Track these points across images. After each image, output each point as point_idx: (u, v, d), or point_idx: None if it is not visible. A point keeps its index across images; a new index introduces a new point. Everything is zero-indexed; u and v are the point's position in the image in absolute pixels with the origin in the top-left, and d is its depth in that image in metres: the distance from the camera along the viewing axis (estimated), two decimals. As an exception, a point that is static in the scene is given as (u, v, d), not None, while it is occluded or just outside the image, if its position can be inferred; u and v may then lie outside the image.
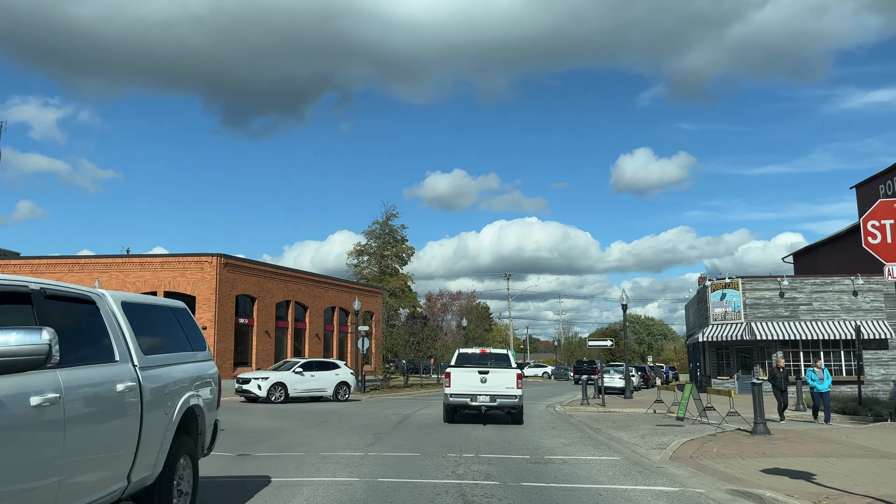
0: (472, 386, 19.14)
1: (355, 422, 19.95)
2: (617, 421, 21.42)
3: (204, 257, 36.46)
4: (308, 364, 30.02)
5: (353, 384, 30.38)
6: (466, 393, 19.17)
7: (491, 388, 19.13)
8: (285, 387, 28.19)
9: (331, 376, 29.63)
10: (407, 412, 24.02)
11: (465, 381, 19.23)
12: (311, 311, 44.74)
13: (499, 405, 19.26)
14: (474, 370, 19.41)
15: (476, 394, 19.08)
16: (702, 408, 20.31)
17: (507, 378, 19.24)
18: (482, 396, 19.08)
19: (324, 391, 29.32)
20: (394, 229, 66.19)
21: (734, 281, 36.13)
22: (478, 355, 20.94)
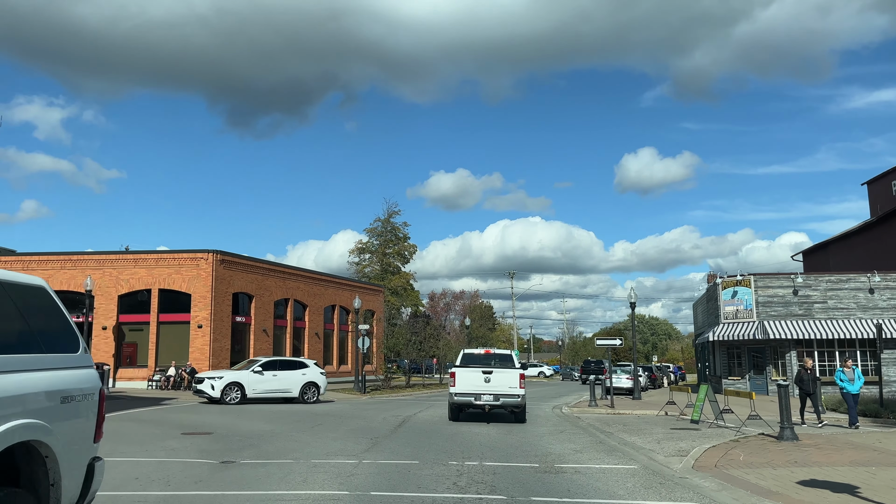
0: (476, 385, 19.53)
1: (352, 424, 18.91)
2: (628, 424, 20.33)
3: (200, 254, 35.45)
4: (270, 363, 27.97)
5: (323, 385, 28.09)
6: (471, 392, 19.55)
7: (494, 388, 19.48)
8: (242, 387, 26.32)
9: (296, 377, 27.50)
10: (407, 414, 22.97)
11: (469, 380, 19.63)
12: (310, 309, 43.72)
13: (502, 404, 19.55)
14: (478, 370, 19.71)
15: (480, 393, 19.46)
16: (718, 410, 19.21)
17: (510, 378, 19.55)
18: (486, 396, 19.43)
19: (288, 392, 27.19)
20: (396, 227, 65.22)
21: (746, 278, 34.99)
22: (482, 355, 21.14)
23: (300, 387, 27.40)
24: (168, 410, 23.30)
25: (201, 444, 14.18)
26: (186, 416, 20.93)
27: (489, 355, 21.17)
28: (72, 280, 35.15)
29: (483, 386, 19.49)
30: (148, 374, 34.64)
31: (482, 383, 19.52)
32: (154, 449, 13.51)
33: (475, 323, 61.45)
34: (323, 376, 28.40)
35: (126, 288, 35.49)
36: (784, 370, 34.39)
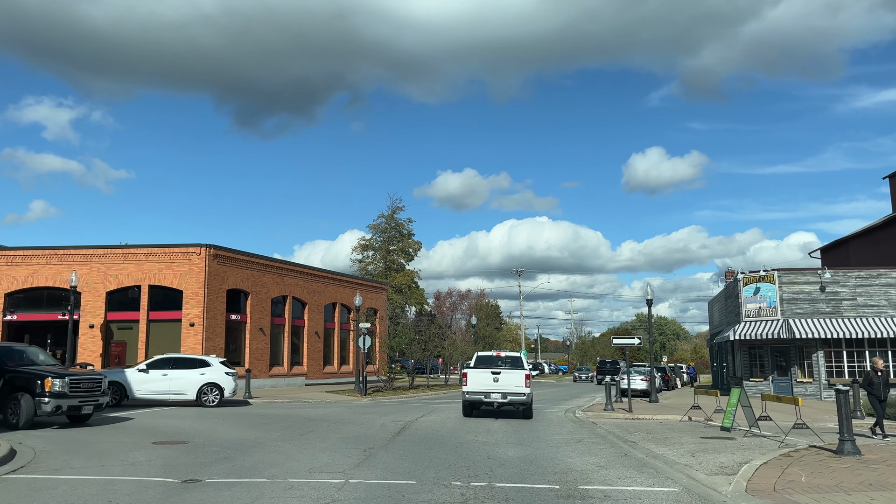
0: (486, 385, 21.22)
1: (346, 432, 17.06)
2: (652, 431, 18.41)
3: (192, 248, 33.66)
4: (162, 361, 25.52)
5: (229, 387, 25.25)
6: (481, 391, 21.28)
7: (502, 387, 21.14)
8: (122, 388, 24.21)
9: (193, 376, 24.91)
10: (409, 419, 21.12)
11: (479, 380, 21.35)
12: (309, 307, 41.90)
13: (509, 402, 21.21)
14: (488, 371, 21.40)
15: (489, 391, 21.17)
16: (753, 417, 17.27)
17: (516, 378, 21.20)
18: (495, 394, 21.12)
19: (182, 394, 24.78)
20: (400, 223, 63.25)
21: (769, 274, 32.98)
22: (493, 357, 22.87)
23: (197, 388, 24.79)
24: (150, 415, 21.49)
25: (169, 457, 12.37)
26: (168, 422, 19.12)
27: (499, 357, 22.86)
28: (58, 276, 33.42)
29: (492, 385, 21.18)
30: (137, 374, 32.82)
31: (491, 383, 21.22)
32: (112, 463, 11.69)
33: (481, 322, 59.59)
34: (231, 377, 25.47)
35: (114, 284, 33.73)
36: (811, 371, 32.38)
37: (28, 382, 16.61)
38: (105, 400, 18.23)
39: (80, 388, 17.28)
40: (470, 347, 52.07)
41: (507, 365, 21.92)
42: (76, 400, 17.07)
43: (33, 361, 18.22)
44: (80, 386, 17.33)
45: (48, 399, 16.44)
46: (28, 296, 34.37)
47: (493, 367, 21.57)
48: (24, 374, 16.83)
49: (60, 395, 16.65)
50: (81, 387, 17.33)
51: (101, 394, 18.07)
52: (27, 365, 17.66)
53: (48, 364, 18.63)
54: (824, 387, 31.82)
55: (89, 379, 17.91)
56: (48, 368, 17.64)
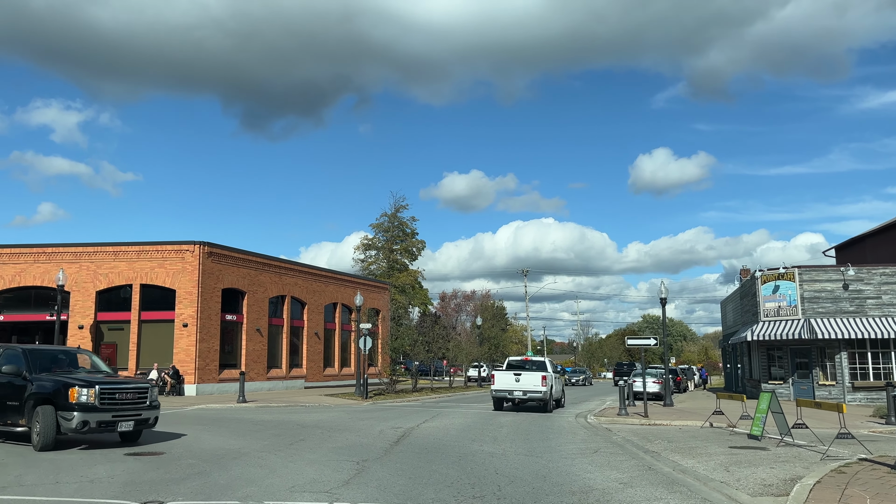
0: (509, 384, 25.27)
1: (340, 441, 15.63)
2: (673, 439, 16.92)
3: (185, 245, 32.32)
4: None
5: None
6: (505, 389, 25.31)
7: (522, 386, 25.08)
8: None
9: None
10: (410, 425, 19.68)
11: (504, 380, 25.48)
12: (309, 307, 40.51)
13: (528, 398, 25.13)
14: (510, 373, 25.60)
15: (512, 389, 25.19)
16: (786, 425, 15.76)
17: (534, 378, 25.12)
18: (517, 392, 25.16)
19: None
20: (403, 222, 61.82)
21: (789, 271, 31.43)
22: (521, 362, 27.63)
23: None
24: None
25: (136, 472, 10.96)
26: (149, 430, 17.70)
27: (527, 361, 27.63)
28: (46, 275, 32.12)
29: (514, 385, 25.22)
30: (129, 377, 31.49)
31: (514, 382, 25.26)
32: (69, 480, 10.29)
33: (486, 323, 58.09)
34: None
35: (105, 283, 32.41)
36: (833, 374, 30.81)
37: (52, 392, 13.45)
38: (152, 415, 14.49)
39: (115, 400, 13.75)
40: (475, 349, 50.66)
41: (533, 368, 26.31)
42: (109, 414, 13.54)
43: (75, 367, 15.23)
44: (116, 397, 13.80)
45: (74, 413, 13.15)
46: (16, 295, 33.09)
47: (517, 370, 25.94)
48: (49, 382, 13.71)
49: (88, 407, 13.27)
50: (118, 398, 13.80)
51: (148, 407, 14.31)
52: (65, 371, 14.66)
53: (94, 371, 15.42)
54: (848, 390, 30.26)
55: (131, 388, 14.27)
56: (85, 376, 14.38)
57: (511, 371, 25.72)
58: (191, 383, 31.27)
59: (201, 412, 23.92)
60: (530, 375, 25.15)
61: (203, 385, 31.69)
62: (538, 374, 25.13)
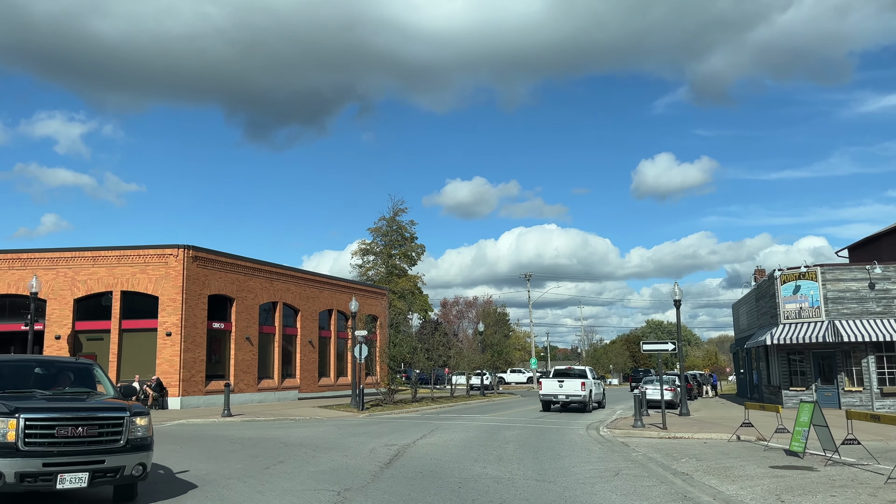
0: (554, 389, 30.01)
1: (323, 463, 13.71)
2: (702, 457, 14.98)
3: (168, 249, 30.47)
4: None
5: None
6: (551, 393, 30.08)
7: (566, 391, 29.78)
8: None
9: None
10: (406, 441, 17.77)
11: (550, 386, 30.21)
12: (302, 314, 38.60)
13: (571, 400, 29.77)
14: (555, 379, 30.24)
15: (556, 394, 29.95)
16: (831, 439, 13.82)
17: (575, 384, 29.77)
18: (560, 395, 29.86)
19: None
20: (402, 226, 59.85)
21: (811, 270, 29.49)
22: (565, 370, 32.05)
23: None
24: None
25: (68, 511, 9.07)
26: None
27: (569, 369, 32.19)
28: (20, 282, 30.26)
29: (558, 389, 29.94)
30: (108, 390, 29.62)
31: (558, 388, 29.98)
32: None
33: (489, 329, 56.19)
34: None
35: (83, 290, 30.54)
36: (860, 379, 28.84)
37: None
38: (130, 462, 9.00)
39: (54, 439, 8.50)
40: (477, 356, 48.71)
41: (574, 375, 30.95)
42: (39, 462, 8.31)
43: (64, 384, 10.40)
44: (56, 434, 8.51)
45: None
46: (-11, 304, 31.23)
47: (560, 377, 30.54)
48: None
49: (5, 450, 8.20)
50: (59, 435, 8.52)
51: (120, 449, 8.92)
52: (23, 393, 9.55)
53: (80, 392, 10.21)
54: (876, 396, 28.29)
55: (84, 419, 8.80)
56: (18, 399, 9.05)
57: (556, 378, 30.50)
58: (175, 396, 29.37)
59: (180, 428, 22.00)
60: (572, 381, 29.99)
61: (188, 398, 29.78)
62: (578, 381, 29.92)
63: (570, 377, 30.33)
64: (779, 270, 30.30)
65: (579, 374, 30.75)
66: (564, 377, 30.32)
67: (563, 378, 30.13)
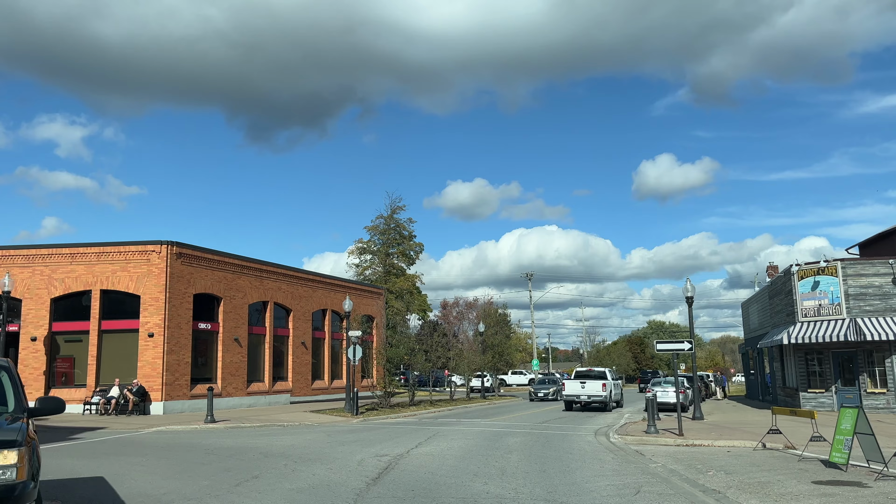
0: (577, 390, 31.94)
1: (303, 478, 12.08)
2: (731, 469, 13.33)
3: (150, 246, 28.83)
4: None
5: None
6: (573, 394, 31.98)
7: (587, 391, 31.66)
8: None
9: None
10: (399, 451, 16.15)
11: (573, 387, 32.13)
12: (295, 314, 36.95)
13: (592, 400, 31.55)
14: (577, 381, 32.17)
15: (579, 394, 31.83)
16: (878, 450, 12.18)
17: (596, 385, 31.68)
18: (582, 396, 31.74)
19: None
20: (400, 224, 58.10)
21: (831, 265, 27.85)
22: (586, 371, 33.76)
23: None
24: (67, 450, 16.55)
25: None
26: (71, 463, 14.18)
27: (590, 371, 33.74)
28: (-6, 280, 28.58)
29: (581, 390, 31.78)
30: (87, 394, 27.97)
31: (580, 388, 31.81)
32: None
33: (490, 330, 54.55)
34: None
35: (61, 289, 28.90)
36: (883, 380, 27.20)
37: None
38: None
39: None
40: (477, 357, 47.07)
41: (595, 376, 32.49)
42: None
43: None
44: None
45: None
46: (-37, 305, 29.56)
47: (583, 378, 32.38)
48: None
49: None
50: None
51: None
52: None
53: None
54: (901, 398, 26.66)
55: None
56: None
57: (578, 380, 32.63)
58: (158, 401, 27.72)
59: (156, 436, 20.37)
60: (593, 383, 31.92)
61: (172, 402, 28.14)
62: (599, 382, 31.89)
63: (591, 379, 32.22)
64: (796, 265, 28.66)
65: (599, 376, 32.57)
66: (586, 379, 32.30)
67: (585, 380, 32.17)
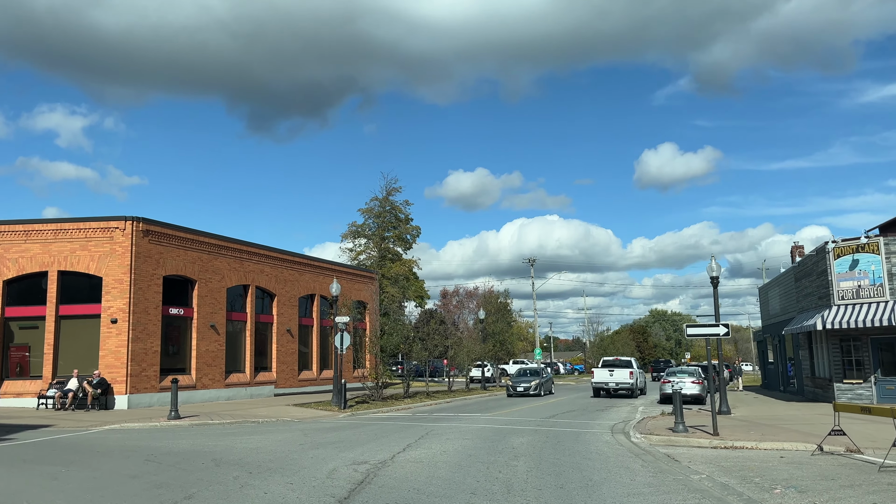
0: (605, 378, 34.53)
1: (252, 497, 9.22)
2: (801, 485, 10.47)
3: (113, 222, 25.93)
4: None
5: None
6: (602, 381, 34.49)
7: (615, 379, 34.32)
8: None
9: None
10: (382, 456, 13.33)
11: (602, 375, 34.67)
12: (279, 299, 34.09)
13: (620, 387, 34.21)
14: (606, 369, 34.87)
15: (607, 382, 34.40)
16: None
17: (624, 373, 34.34)
18: (611, 383, 34.32)
19: None
20: (396, 206, 55.05)
21: (872, 241, 24.93)
22: (613, 360, 36.83)
23: None
24: None
25: None
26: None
27: (617, 360, 36.77)
28: (-61, 261, 25.72)
29: (609, 378, 34.22)
30: (43, 387, 25.15)
31: (608, 376, 34.27)
32: None
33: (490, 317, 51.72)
34: None
35: (14, 271, 26.04)
36: (931, 369, 24.33)
37: None
38: None
39: None
40: (477, 346, 44.27)
41: (622, 365, 34.91)
42: None
43: None
44: None
45: None
46: None
47: (610, 367, 34.48)
48: None
49: None
50: None
51: None
52: None
53: None
54: (951, 390, 23.81)
55: None
56: None
57: (606, 368, 34.97)
58: (121, 394, 24.92)
59: (102, 437, 17.53)
60: (621, 371, 34.28)
61: (138, 396, 25.33)
62: (626, 370, 34.28)
63: (618, 367, 34.82)
64: (832, 242, 25.72)
65: (626, 365, 35.25)
66: (614, 367, 34.88)
67: (613, 368, 34.70)
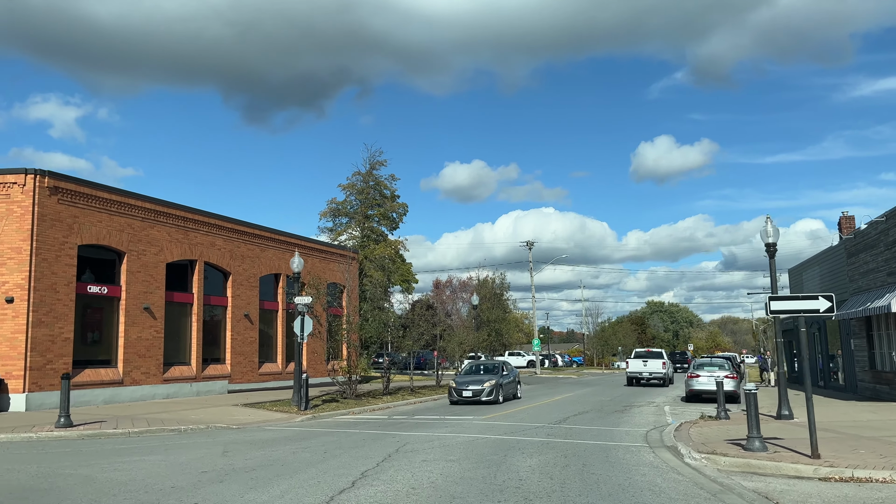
0: (639, 368, 37.32)
1: None
2: None
3: (10, 176, 20.61)
4: None
5: None
6: (637, 371, 37.20)
7: (649, 369, 37.06)
8: None
9: None
10: (323, 495, 8.16)
11: (636, 365, 37.48)
12: (235, 279, 28.80)
13: (653, 377, 37.04)
14: (640, 360, 37.77)
15: (641, 372, 37.15)
16: None
17: (657, 364, 37.24)
18: (644, 373, 37.09)
19: None
20: (380, 181, 49.72)
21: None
22: (645, 352, 39.71)
23: None
24: None
25: None
26: None
27: (649, 352, 39.94)
28: None
29: (643, 368, 37.31)
30: (-82, 384, 19.84)
31: (642, 366, 37.38)
32: None
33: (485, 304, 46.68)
34: None
35: None
36: None
37: None
38: None
39: None
40: (470, 335, 39.20)
41: (654, 356, 38.27)
42: None
43: None
44: None
45: None
46: None
47: (644, 358, 37.96)
48: None
49: None
50: None
51: None
52: None
53: None
54: None
55: None
56: None
57: (640, 359, 37.44)
58: (18, 392, 19.65)
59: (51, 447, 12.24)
60: (654, 361, 36.93)
61: (41, 394, 20.06)
62: (659, 361, 36.93)
63: (651, 358, 37.49)
64: None
65: (658, 356, 38.01)
66: (647, 358, 37.49)
67: (647, 359, 37.39)
